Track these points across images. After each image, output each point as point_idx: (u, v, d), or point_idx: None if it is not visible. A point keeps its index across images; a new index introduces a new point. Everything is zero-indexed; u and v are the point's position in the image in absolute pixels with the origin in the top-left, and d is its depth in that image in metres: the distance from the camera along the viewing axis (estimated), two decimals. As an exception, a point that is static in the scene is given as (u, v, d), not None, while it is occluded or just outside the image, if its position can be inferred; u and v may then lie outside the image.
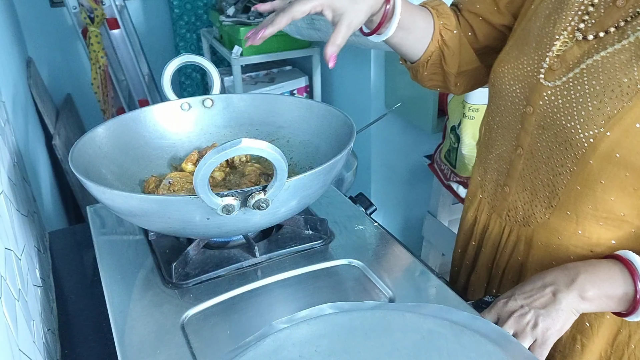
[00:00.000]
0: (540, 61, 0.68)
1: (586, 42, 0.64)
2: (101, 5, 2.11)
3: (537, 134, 0.69)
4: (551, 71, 0.67)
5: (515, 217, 0.75)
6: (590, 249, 0.67)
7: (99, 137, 0.78)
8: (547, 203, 0.69)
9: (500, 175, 0.77)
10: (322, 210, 0.85)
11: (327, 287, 0.68)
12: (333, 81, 2.17)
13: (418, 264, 0.73)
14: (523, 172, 0.72)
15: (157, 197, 0.61)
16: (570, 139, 0.63)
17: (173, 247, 0.75)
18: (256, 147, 0.53)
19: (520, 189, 0.73)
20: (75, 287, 0.86)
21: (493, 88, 0.77)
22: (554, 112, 0.66)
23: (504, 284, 0.79)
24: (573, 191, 0.65)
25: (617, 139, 0.59)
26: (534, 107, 0.68)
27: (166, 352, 0.58)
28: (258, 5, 0.73)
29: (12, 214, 0.71)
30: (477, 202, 0.83)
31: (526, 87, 0.70)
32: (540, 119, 0.68)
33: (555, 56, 0.67)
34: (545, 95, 0.67)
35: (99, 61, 2.13)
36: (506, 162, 0.75)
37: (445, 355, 0.50)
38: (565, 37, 0.67)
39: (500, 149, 0.76)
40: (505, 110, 0.74)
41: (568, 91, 0.64)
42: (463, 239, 0.88)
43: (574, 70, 0.64)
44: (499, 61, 0.76)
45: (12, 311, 0.53)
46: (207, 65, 0.88)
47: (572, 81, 0.64)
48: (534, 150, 0.70)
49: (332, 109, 0.82)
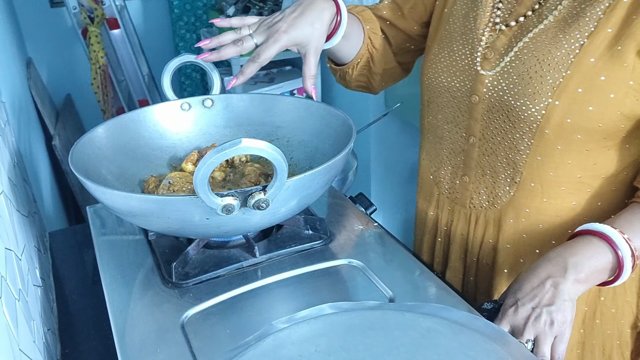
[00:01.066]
0: (473, 53, 0.74)
1: (510, 30, 0.71)
2: (101, 5, 2.11)
3: (488, 119, 0.73)
4: (486, 60, 0.73)
5: (480, 203, 0.78)
6: (556, 214, 0.73)
7: (98, 138, 0.79)
8: (511, 180, 0.74)
9: (456, 167, 0.80)
10: (322, 210, 0.86)
11: (327, 287, 0.68)
12: (333, 81, 2.17)
13: (418, 264, 0.73)
14: (479, 158, 0.77)
15: (157, 197, 0.61)
16: (523, 115, 0.68)
17: (173, 247, 0.75)
18: (256, 147, 0.53)
19: (480, 175, 0.77)
20: (76, 287, 0.86)
21: (429, 89, 0.81)
22: (500, 96, 0.71)
23: (480, 269, 0.82)
24: (534, 162, 0.70)
25: (566, 106, 0.65)
26: (479, 96, 0.73)
27: (166, 352, 0.58)
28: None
29: (13, 214, 0.71)
30: (435, 199, 0.86)
31: (466, 79, 0.75)
32: (488, 105, 0.73)
33: (486, 47, 0.73)
34: (487, 82, 0.72)
35: (98, 61, 2.13)
36: (459, 153, 0.79)
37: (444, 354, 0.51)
38: (489, 29, 0.73)
39: (451, 143, 0.80)
40: (448, 105, 0.78)
41: (508, 74, 0.70)
42: (428, 239, 0.90)
43: (507, 55, 0.70)
44: (430, 64, 0.81)
45: (13, 311, 0.53)
46: (206, 65, 0.88)
47: (509, 64, 0.70)
48: (486, 135, 0.74)
49: (332, 109, 0.82)
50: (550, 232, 0.74)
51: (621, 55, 0.63)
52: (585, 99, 0.65)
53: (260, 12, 2.06)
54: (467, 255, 0.83)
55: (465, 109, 0.76)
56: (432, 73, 0.80)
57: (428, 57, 0.82)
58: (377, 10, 0.89)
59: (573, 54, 0.65)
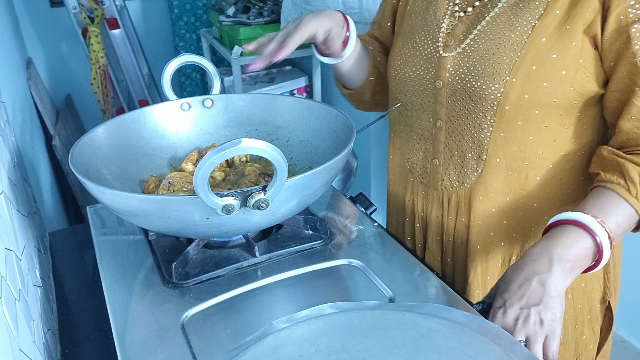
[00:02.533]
0: (434, 42, 0.80)
1: (467, 17, 0.77)
2: (101, 5, 2.11)
3: (452, 101, 0.78)
4: (447, 47, 0.78)
5: (451, 184, 0.82)
6: (522, 187, 0.78)
7: (98, 138, 0.79)
8: (477, 159, 0.78)
9: (427, 152, 0.85)
10: (322, 210, 0.86)
11: (327, 287, 0.68)
12: (333, 81, 2.17)
13: (418, 264, 0.73)
14: (447, 140, 0.81)
15: (157, 197, 0.61)
16: (484, 94, 0.73)
17: (173, 247, 0.75)
18: (256, 147, 0.53)
19: (449, 156, 0.82)
20: (76, 287, 0.86)
21: (396, 81, 0.86)
22: (462, 78, 0.76)
23: (456, 249, 0.85)
24: (498, 138, 0.75)
25: (522, 83, 0.70)
26: (443, 80, 0.78)
27: (166, 352, 0.58)
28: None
29: (13, 214, 0.71)
30: (410, 185, 0.90)
31: (430, 66, 0.80)
32: (451, 88, 0.77)
33: (446, 34, 0.79)
34: (449, 66, 0.77)
35: (99, 61, 2.13)
36: (428, 138, 0.84)
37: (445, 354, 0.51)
38: (448, 17, 0.79)
39: (420, 129, 0.85)
40: (415, 94, 0.83)
41: (468, 57, 0.75)
42: (409, 226, 0.93)
43: (465, 40, 0.76)
44: (396, 56, 0.86)
45: (13, 311, 0.53)
46: (207, 65, 0.88)
47: (468, 48, 0.75)
48: (452, 117, 0.79)
49: (332, 109, 0.82)
50: (516, 204, 0.79)
51: (569, 34, 0.68)
52: (539, 76, 0.70)
53: (260, 12, 2.05)
54: (443, 237, 0.86)
55: (430, 94, 0.81)
56: (398, 65, 0.85)
57: (393, 51, 0.88)
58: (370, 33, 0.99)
59: (526, 35, 0.70)
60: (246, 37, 1.99)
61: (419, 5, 0.85)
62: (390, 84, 0.89)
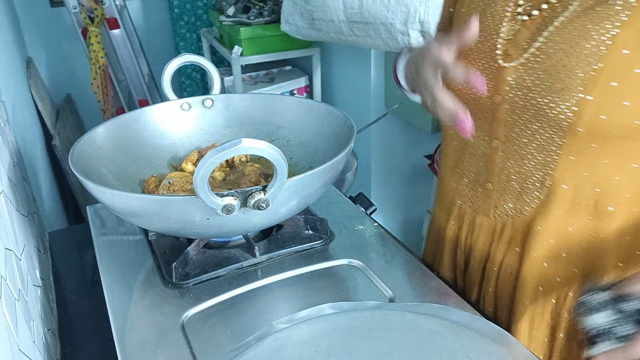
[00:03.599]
0: (492, 50, 0.69)
1: (532, 21, 0.66)
2: (101, 5, 2.10)
3: (512, 119, 0.68)
4: (508, 56, 0.67)
5: (506, 211, 0.73)
6: (589, 217, 0.67)
7: (99, 137, 0.78)
8: (540, 184, 0.68)
9: (479, 174, 0.75)
10: (322, 210, 0.85)
11: (327, 287, 0.68)
12: (333, 81, 2.17)
13: (418, 264, 0.73)
14: (504, 163, 0.71)
15: (157, 197, 0.61)
16: (552, 113, 0.63)
17: (173, 247, 0.75)
18: (256, 147, 0.53)
19: (505, 181, 0.72)
20: (75, 287, 0.86)
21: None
22: (525, 93, 0.65)
23: (501, 279, 0.77)
24: (567, 162, 0.65)
25: (599, 101, 0.60)
26: (502, 95, 0.68)
27: (166, 352, 0.58)
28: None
29: (12, 214, 0.71)
30: (457, 209, 0.80)
31: (488, 77, 0.69)
32: (511, 105, 0.67)
33: (506, 41, 0.67)
34: (510, 79, 0.66)
35: (99, 61, 2.13)
36: (482, 159, 0.74)
37: (446, 355, 0.51)
38: (508, 22, 0.68)
39: (472, 147, 0.75)
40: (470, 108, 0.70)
41: (533, 69, 0.64)
42: (448, 251, 0.84)
43: (530, 49, 0.65)
44: None
45: (12, 311, 0.53)
46: (207, 65, 0.88)
47: (533, 58, 0.64)
48: (511, 137, 0.69)
49: (332, 109, 0.82)
50: (580, 236, 0.68)
51: None
52: (620, 93, 0.60)
53: (260, 12, 2.05)
54: (487, 264, 0.78)
55: (486, 110, 0.70)
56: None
57: None
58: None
59: (604, 45, 0.60)
60: (246, 37, 1.99)
61: (474, 7, 0.74)
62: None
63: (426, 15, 1.36)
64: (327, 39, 1.68)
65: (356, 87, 1.97)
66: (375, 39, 1.51)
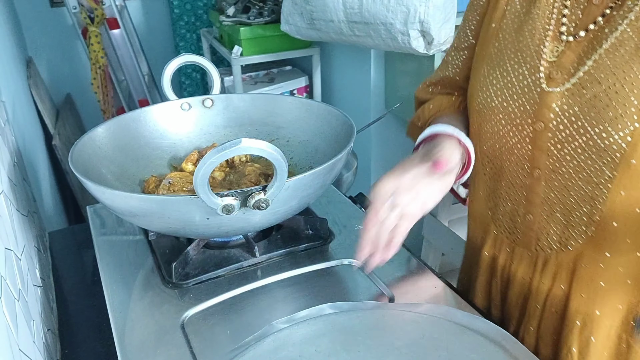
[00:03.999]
0: (533, 74, 0.63)
1: (577, 43, 0.61)
2: (101, 5, 2.11)
3: (557, 149, 0.62)
4: (551, 80, 0.62)
5: (550, 245, 0.67)
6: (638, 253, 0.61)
7: (99, 137, 0.79)
8: (588, 219, 0.62)
9: (517, 204, 0.69)
10: (322, 210, 0.85)
11: (327, 287, 0.68)
12: (333, 81, 2.17)
13: (418, 264, 0.73)
14: (547, 194, 0.65)
15: (157, 197, 0.61)
16: (603, 144, 0.58)
17: (173, 247, 0.75)
18: (256, 147, 0.53)
19: (548, 213, 0.66)
20: (75, 287, 0.86)
21: (481, 115, 0.70)
22: (573, 122, 0.60)
23: (545, 318, 0.71)
24: (617, 198, 0.59)
25: None
26: (545, 122, 0.62)
27: (166, 352, 0.58)
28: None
29: (12, 214, 0.71)
30: (492, 238, 0.75)
31: (527, 103, 0.64)
32: (557, 134, 0.62)
33: (550, 64, 0.62)
34: (555, 105, 0.61)
35: (99, 61, 2.13)
36: (521, 188, 0.68)
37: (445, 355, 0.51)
38: (550, 42, 0.63)
39: (510, 176, 0.69)
40: (506, 133, 0.67)
41: (581, 96, 0.59)
42: (482, 281, 0.78)
43: (577, 73, 0.60)
44: (480, 86, 0.70)
45: (12, 311, 0.53)
46: (207, 65, 0.88)
47: (580, 84, 0.59)
48: (555, 167, 0.63)
49: (332, 109, 0.82)
50: (629, 274, 0.63)
51: None
52: None
53: (260, 12, 2.05)
54: (529, 301, 0.72)
55: (527, 137, 0.65)
56: (484, 97, 0.68)
57: (476, 78, 0.71)
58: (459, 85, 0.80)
59: None
60: (246, 37, 1.99)
61: (508, 23, 0.68)
62: (472, 119, 0.72)
63: (426, 15, 1.36)
64: (327, 39, 1.68)
65: (356, 87, 1.97)
66: (375, 39, 1.51)
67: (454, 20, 1.40)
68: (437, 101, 0.81)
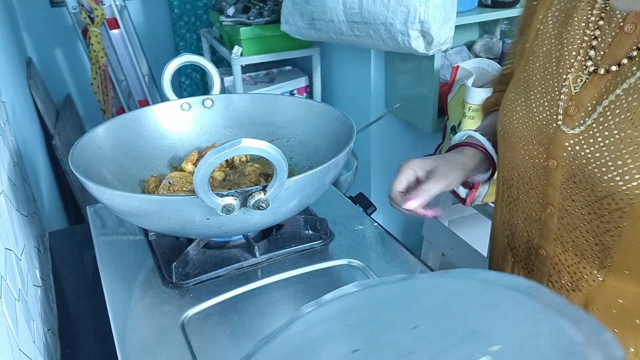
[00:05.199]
0: (552, 106, 0.59)
1: (601, 78, 0.55)
2: (101, 5, 2.10)
3: (569, 189, 0.59)
4: (568, 117, 0.57)
5: (561, 283, 0.65)
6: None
7: (99, 137, 0.79)
8: (599, 263, 0.59)
9: (532, 236, 0.67)
10: (322, 210, 0.85)
11: (327, 287, 0.68)
12: (333, 81, 2.17)
13: (418, 264, 0.73)
14: (559, 231, 0.63)
15: (157, 197, 0.61)
16: (612, 193, 0.54)
17: (173, 247, 0.75)
18: (256, 147, 0.53)
19: (560, 251, 0.63)
20: (76, 287, 0.86)
21: (504, 142, 0.68)
22: (584, 165, 0.56)
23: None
24: (629, 247, 0.55)
25: None
26: (558, 160, 0.59)
27: (166, 352, 0.58)
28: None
29: (12, 214, 0.71)
30: (510, 266, 0.74)
31: (543, 137, 0.60)
32: (568, 173, 0.58)
33: (569, 98, 0.58)
34: (567, 145, 0.57)
35: (99, 61, 2.13)
36: (536, 222, 0.66)
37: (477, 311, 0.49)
38: (574, 73, 0.58)
39: (526, 208, 0.67)
40: (523, 164, 0.65)
41: (594, 138, 0.55)
42: None
43: (595, 112, 0.55)
44: (506, 112, 0.67)
45: (12, 311, 0.53)
46: (207, 65, 0.88)
47: (595, 125, 0.55)
48: (567, 207, 0.60)
49: (332, 109, 0.82)
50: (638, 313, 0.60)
51: None
52: None
53: (260, 12, 2.05)
54: None
55: (541, 172, 0.62)
56: (507, 122, 0.66)
57: (505, 101, 0.68)
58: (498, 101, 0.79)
59: None
60: (246, 37, 1.99)
61: (540, 46, 0.63)
62: (499, 140, 0.70)
63: (426, 15, 1.36)
64: (327, 39, 1.68)
65: (356, 87, 1.97)
66: (375, 39, 1.51)
67: (454, 20, 1.40)
68: (494, 96, 0.83)
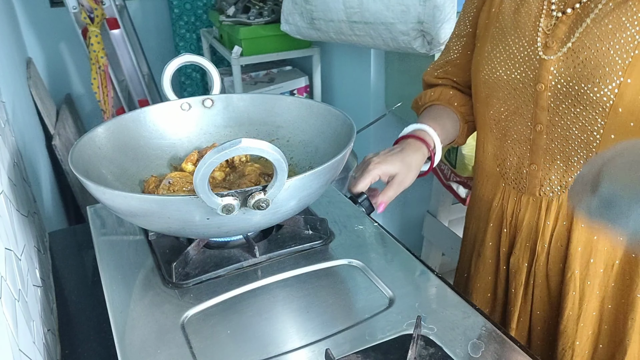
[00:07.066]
0: (532, 44, 0.76)
1: (567, 17, 0.73)
2: (101, 5, 2.11)
3: (555, 105, 0.74)
4: (548, 48, 0.74)
5: (552, 189, 0.79)
6: None
7: (98, 138, 0.78)
8: (585, 161, 0.74)
9: (522, 157, 0.81)
10: (322, 210, 0.85)
11: (327, 287, 0.68)
12: (333, 81, 2.17)
13: (418, 264, 0.73)
14: (548, 145, 0.77)
15: (157, 197, 0.61)
16: (595, 97, 0.69)
17: (173, 247, 0.75)
18: (256, 147, 0.53)
19: (549, 161, 0.78)
20: (76, 288, 0.86)
21: (487, 85, 0.82)
22: (568, 81, 0.72)
23: (552, 252, 0.81)
24: (608, 140, 0.71)
25: (638, 83, 0.66)
26: (545, 84, 0.74)
27: (166, 352, 0.58)
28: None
29: (12, 214, 0.71)
30: (501, 190, 0.86)
31: (528, 69, 0.76)
32: (554, 92, 0.73)
33: (546, 35, 0.74)
34: (553, 68, 0.73)
35: (99, 61, 2.13)
36: (525, 143, 0.80)
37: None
38: (545, 18, 0.75)
39: (515, 134, 0.81)
40: (510, 98, 0.79)
41: (574, 59, 0.71)
42: (492, 231, 0.89)
43: (569, 41, 0.72)
44: (485, 61, 0.82)
45: (12, 311, 0.53)
46: (207, 65, 0.88)
47: (573, 49, 0.71)
48: (554, 121, 0.75)
49: (332, 109, 0.82)
50: None
51: None
52: None
53: (260, 12, 2.05)
54: (538, 241, 0.83)
55: (529, 98, 0.77)
56: (489, 69, 0.81)
57: (481, 55, 0.83)
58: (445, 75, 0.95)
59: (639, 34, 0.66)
60: (246, 37, 1.99)
61: (507, 7, 0.81)
62: (478, 90, 0.85)
63: (426, 15, 1.36)
64: (327, 39, 1.68)
65: (356, 87, 1.97)
66: (375, 38, 1.51)
67: (454, 20, 1.40)
68: (438, 90, 0.95)
